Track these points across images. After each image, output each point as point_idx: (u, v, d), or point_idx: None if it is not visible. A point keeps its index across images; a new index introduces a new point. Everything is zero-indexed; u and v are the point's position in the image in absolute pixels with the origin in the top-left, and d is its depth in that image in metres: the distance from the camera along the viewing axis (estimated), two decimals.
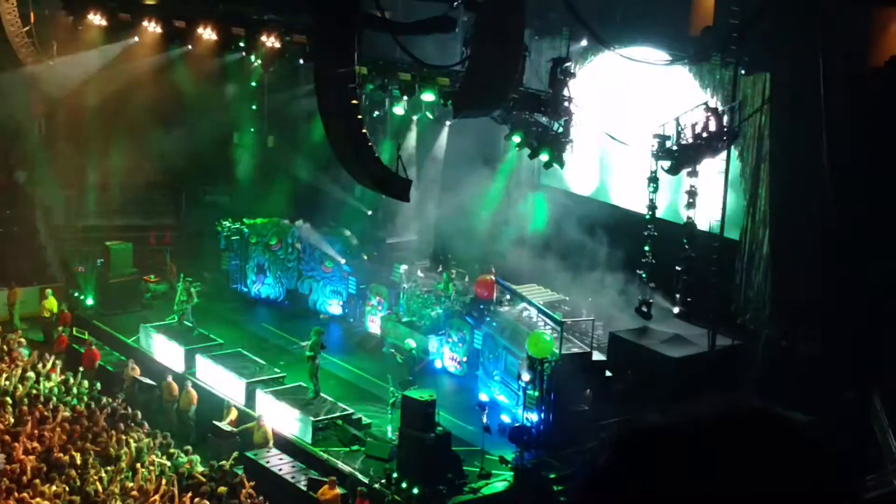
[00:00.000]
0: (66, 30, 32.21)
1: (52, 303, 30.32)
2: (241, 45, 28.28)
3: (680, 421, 2.44)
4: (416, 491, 21.67)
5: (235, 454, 22.79)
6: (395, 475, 22.17)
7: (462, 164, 30.69)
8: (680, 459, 2.36)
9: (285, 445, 23.91)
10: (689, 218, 24.16)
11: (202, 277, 31.54)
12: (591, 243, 27.23)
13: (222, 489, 20.96)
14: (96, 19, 30.07)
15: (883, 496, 18.09)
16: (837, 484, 2.47)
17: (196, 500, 20.38)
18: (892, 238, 21.82)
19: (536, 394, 23.06)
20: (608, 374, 23.96)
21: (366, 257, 31.89)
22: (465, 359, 27.82)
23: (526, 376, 23.39)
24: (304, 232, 32.30)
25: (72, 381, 26.11)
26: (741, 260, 25.65)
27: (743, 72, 24.66)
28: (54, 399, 24.64)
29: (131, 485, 20.78)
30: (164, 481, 21.03)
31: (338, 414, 24.81)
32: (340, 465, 22.99)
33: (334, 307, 32.05)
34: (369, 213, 33.78)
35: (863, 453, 19.90)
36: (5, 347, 27.39)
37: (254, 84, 33.81)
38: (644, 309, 24.66)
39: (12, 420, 23.26)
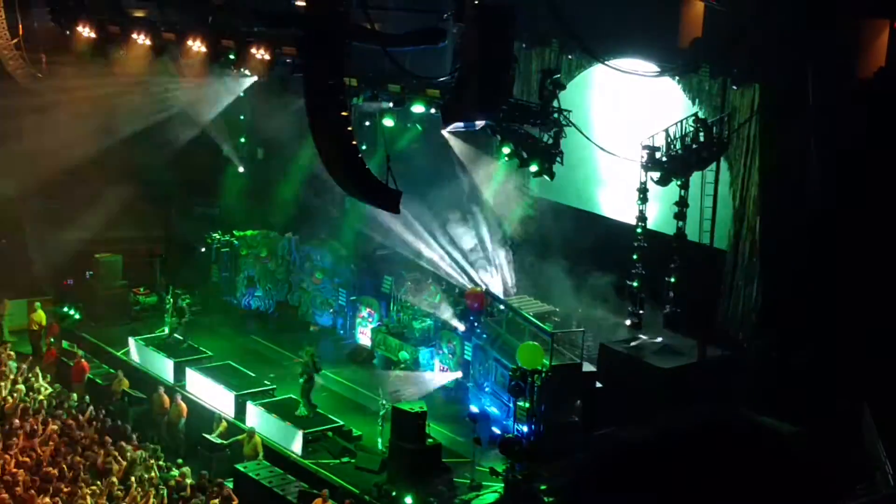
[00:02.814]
0: (54, 42, 32.17)
1: (40, 315, 30.24)
2: (231, 57, 28.26)
3: (662, 433, 2.44)
4: (406, 502, 21.66)
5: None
6: (385, 487, 22.16)
7: (452, 176, 30.70)
8: (661, 472, 2.37)
9: (275, 458, 23.87)
10: (678, 228, 24.22)
11: (191, 292, 31.46)
12: (581, 254, 27.24)
13: (214, 502, 20.92)
14: (85, 31, 30.03)
15: (871, 503, 18.11)
16: (820, 492, 2.48)
17: None
18: (881, 248, 21.88)
19: (527, 405, 23.05)
20: (598, 385, 23.95)
21: (355, 269, 31.87)
22: (455, 371, 27.83)
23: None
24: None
25: (61, 393, 26.05)
26: (730, 270, 25.68)
27: (732, 84, 24.74)
28: (44, 412, 24.57)
29: (122, 496, 20.72)
30: (153, 494, 20.97)
31: (328, 426, 24.81)
32: (331, 476, 23.00)
33: (324, 319, 32.04)
34: (359, 227, 33.77)
35: (852, 461, 19.92)
36: None
37: (242, 95, 33.81)
38: (634, 320, 24.71)
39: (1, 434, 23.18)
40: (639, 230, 24.50)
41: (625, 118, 26.87)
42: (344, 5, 19.32)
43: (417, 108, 25.12)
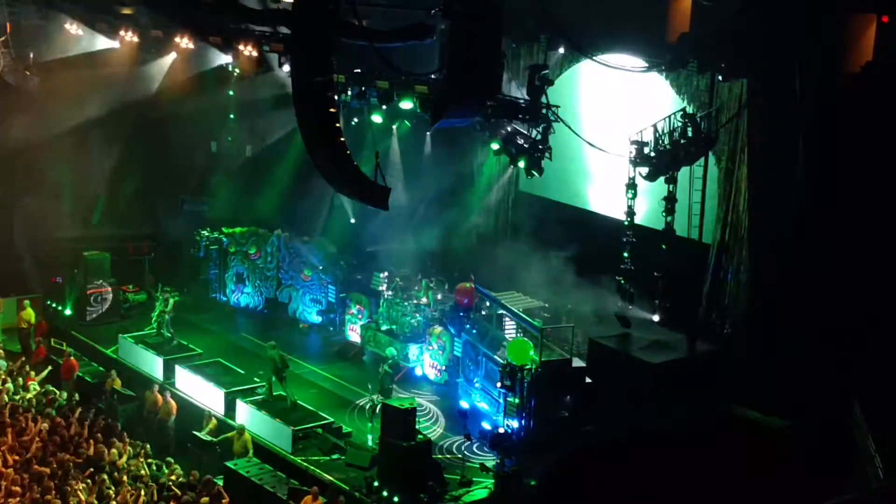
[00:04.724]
0: (43, 39, 32.08)
1: (29, 313, 30.18)
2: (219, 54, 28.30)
3: (651, 429, 2.45)
4: (396, 499, 21.67)
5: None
6: (375, 483, 22.16)
7: (441, 172, 30.72)
8: (650, 467, 2.38)
9: (265, 455, 23.86)
10: (667, 224, 24.26)
11: (181, 289, 31.40)
12: (570, 250, 27.26)
13: (204, 500, 20.90)
14: (73, 28, 29.99)
15: (860, 498, 18.17)
16: (809, 488, 2.50)
17: None
18: (868, 241, 21.93)
19: (517, 401, 23.07)
20: (588, 380, 23.98)
21: (345, 265, 31.86)
22: (444, 366, 27.84)
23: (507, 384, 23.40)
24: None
25: (50, 391, 26.00)
26: (718, 265, 25.72)
27: (720, 78, 24.77)
28: (33, 410, 24.53)
29: (113, 496, 20.70)
30: (142, 492, 20.95)
31: (318, 423, 24.81)
32: (321, 473, 23.01)
33: (314, 316, 32.03)
34: (353, 220, 33.78)
35: (841, 456, 19.98)
36: None
37: (231, 93, 33.77)
38: (623, 315, 24.74)
39: None
40: (627, 225, 24.54)
41: (613, 113, 26.89)
42: (332, 2, 19.29)
43: (406, 105, 25.12)
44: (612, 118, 26.74)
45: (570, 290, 26.76)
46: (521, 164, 24.88)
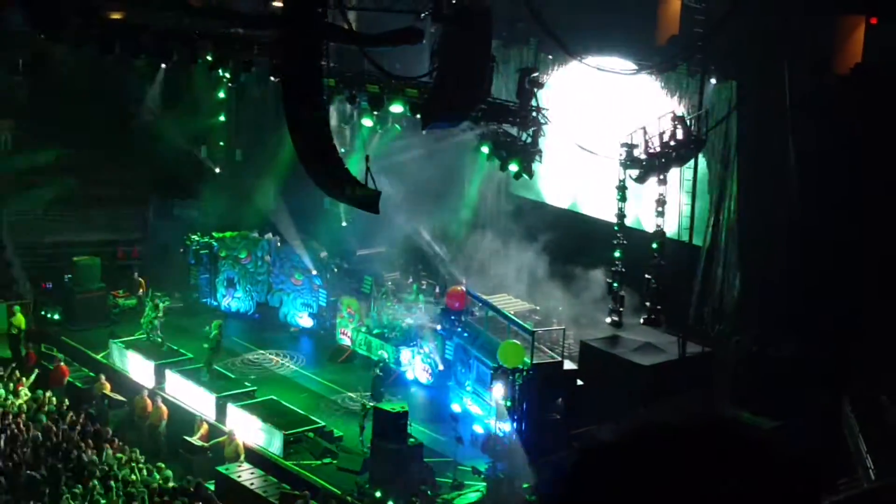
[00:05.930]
0: (33, 44, 32.00)
1: (19, 319, 30.06)
2: (209, 58, 28.22)
3: (641, 431, 2.45)
4: (389, 503, 21.65)
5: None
6: (367, 487, 22.13)
7: (432, 176, 30.69)
8: (640, 470, 2.39)
9: (257, 459, 23.81)
10: (657, 226, 24.28)
11: (171, 294, 31.37)
12: (561, 253, 27.27)
13: None
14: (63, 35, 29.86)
15: (852, 498, 18.20)
16: (795, 493, 2.51)
17: None
18: (858, 241, 21.98)
19: (508, 403, 23.06)
20: (580, 382, 23.99)
21: (335, 269, 31.81)
22: (437, 368, 27.80)
23: (499, 388, 23.36)
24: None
25: (41, 397, 25.93)
26: (709, 266, 25.75)
27: (711, 80, 24.81)
28: (24, 416, 24.45)
29: (103, 502, 20.64)
30: (134, 497, 20.90)
31: (309, 427, 24.76)
32: (313, 477, 22.97)
33: (304, 320, 31.97)
34: (344, 224, 33.73)
35: (833, 457, 20.00)
36: None
37: (222, 97, 33.72)
38: (614, 317, 24.75)
39: None
40: (617, 227, 24.56)
41: (603, 116, 26.90)
42: (321, 6, 19.31)
43: (396, 108, 25.12)
44: (602, 120, 26.75)
45: (560, 293, 26.76)
46: (512, 167, 24.88)
